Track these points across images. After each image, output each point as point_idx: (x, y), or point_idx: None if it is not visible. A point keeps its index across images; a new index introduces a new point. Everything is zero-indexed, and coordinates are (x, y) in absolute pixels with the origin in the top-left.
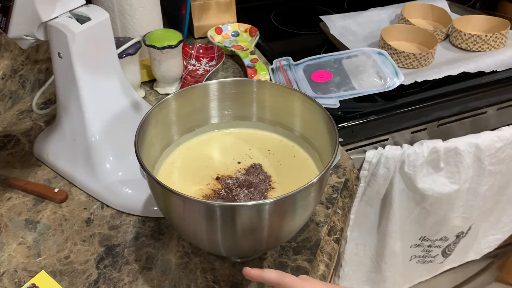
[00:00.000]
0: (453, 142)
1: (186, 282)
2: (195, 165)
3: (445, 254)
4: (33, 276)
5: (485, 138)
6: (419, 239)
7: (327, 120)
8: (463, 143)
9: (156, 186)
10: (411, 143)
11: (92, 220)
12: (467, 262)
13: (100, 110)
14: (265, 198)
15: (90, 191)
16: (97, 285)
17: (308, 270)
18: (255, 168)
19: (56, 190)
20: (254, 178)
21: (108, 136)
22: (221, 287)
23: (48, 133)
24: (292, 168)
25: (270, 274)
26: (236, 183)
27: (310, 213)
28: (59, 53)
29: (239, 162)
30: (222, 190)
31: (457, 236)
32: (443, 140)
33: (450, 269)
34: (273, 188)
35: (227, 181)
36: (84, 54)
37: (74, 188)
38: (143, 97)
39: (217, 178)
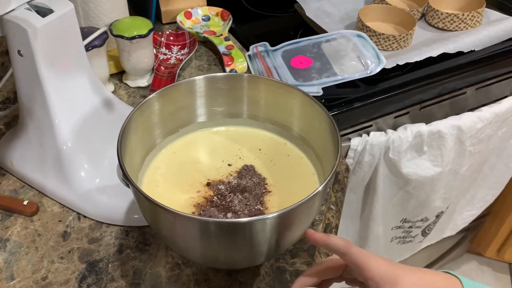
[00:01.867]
0: (436, 125)
1: None
2: (182, 170)
3: (424, 233)
4: None
5: (466, 119)
6: (400, 221)
7: (325, 118)
8: (446, 125)
9: (145, 202)
10: (394, 127)
11: (69, 233)
12: (442, 238)
13: (70, 113)
14: (261, 203)
15: (64, 201)
16: None
17: None
18: (248, 170)
19: (25, 203)
20: (248, 182)
21: (81, 141)
22: None
23: (11, 137)
24: (287, 168)
25: (336, 241)
26: (228, 188)
27: (313, 218)
28: (19, 51)
29: (229, 165)
30: (215, 197)
31: (437, 216)
32: (426, 123)
33: (427, 246)
34: (270, 192)
35: (219, 187)
36: (48, 51)
37: (45, 199)
38: (113, 92)
39: (208, 184)
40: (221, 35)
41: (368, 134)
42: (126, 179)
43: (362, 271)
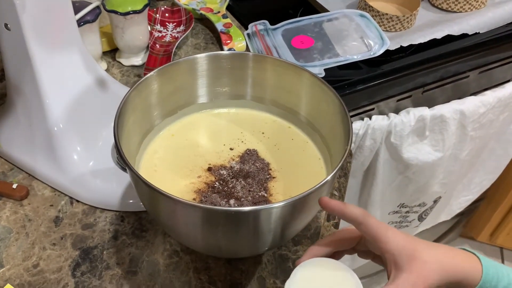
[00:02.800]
0: (439, 109)
1: (178, 285)
2: (182, 154)
3: (421, 218)
4: None
5: (470, 103)
6: (398, 206)
7: (335, 101)
8: (449, 109)
9: (143, 187)
10: (396, 111)
11: (61, 218)
12: (437, 223)
13: (61, 92)
14: (265, 189)
15: (55, 185)
16: None
17: None
18: (251, 155)
19: (14, 186)
20: (251, 167)
21: (73, 123)
22: None
23: None
24: (291, 152)
25: (353, 209)
26: (231, 174)
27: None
28: (6, 24)
29: (231, 149)
30: (217, 183)
31: (435, 201)
32: (428, 107)
33: (422, 231)
34: (274, 177)
35: (221, 172)
36: (37, 25)
37: (35, 182)
38: (105, 70)
39: (209, 169)
40: (219, 12)
41: (370, 118)
42: (124, 163)
43: (379, 243)
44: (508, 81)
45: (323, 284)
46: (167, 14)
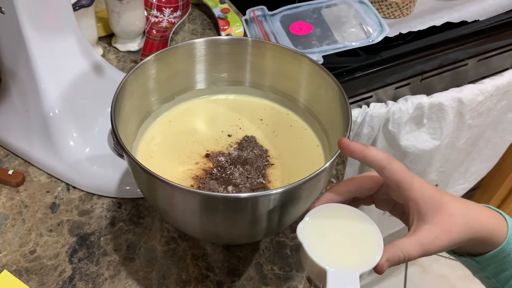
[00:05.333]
0: (437, 97)
1: (176, 271)
2: (179, 140)
3: None
4: None
5: (468, 92)
6: None
7: (335, 88)
8: (447, 97)
9: (141, 173)
10: (394, 99)
11: (58, 205)
12: None
13: (57, 77)
14: (263, 176)
15: (52, 171)
16: (72, 282)
17: None
18: (249, 142)
19: (10, 172)
20: (249, 153)
21: (69, 108)
22: (216, 274)
23: None
24: (290, 139)
25: (376, 153)
26: (229, 160)
27: (318, 194)
28: (0, 8)
29: (229, 135)
30: (214, 169)
31: None
32: (427, 95)
33: None
34: (272, 164)
35: (219, 158)
36: (32, 9)
37: (32, 168)
38: (101, 56)
39: (207, 155)
40: None
41: (368, 105)
42: (121, 149)
43: (403, 191)
44: (507, 69)
45: (338, 229)
46: None
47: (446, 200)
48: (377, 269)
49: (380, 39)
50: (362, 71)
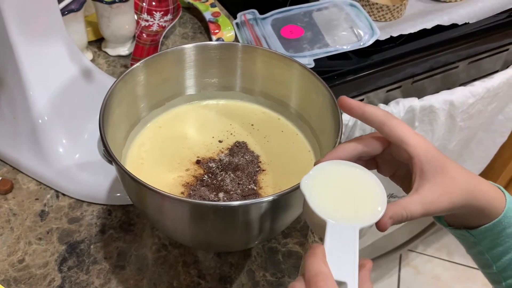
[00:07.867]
0: (429, 100)
1: (167, 279)
2: (170, 146)
3: None
4: None
5: (459, 94)
6: (387, 196)
7: (325, 93)
8: (438, 100)
9: (130, 182)
10: (386, 102)
11: (47, 212)
12: None
13: (45, 83)
14: (255, 182)
15: (41, 179)
16: None
17: (301, 255)
18: (240, 147)
19: None
20: (240, 159)
21: (58, 115)
22: (208, 282)
23: None
24: (281, 145)
25: (374, 109)
26: (220, 166)
27: None
28: None
29: (220, 141)
30: (205, 176)
31: None
32: (418, 98)
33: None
34: (263, 170)
35: (210, 165)
36: (19, 13)
37: (20, 175)
38: (91, 60)
39: (198, 162)
40: (207, 0)
41: None
42: (110, 157)
43: (405, 146)
44: (497, 71)
45: (342, 184)
46: (154, 3)
47: (448, 163)
48: (380, 226)
49: (371, 42)
50: (354, 75)
